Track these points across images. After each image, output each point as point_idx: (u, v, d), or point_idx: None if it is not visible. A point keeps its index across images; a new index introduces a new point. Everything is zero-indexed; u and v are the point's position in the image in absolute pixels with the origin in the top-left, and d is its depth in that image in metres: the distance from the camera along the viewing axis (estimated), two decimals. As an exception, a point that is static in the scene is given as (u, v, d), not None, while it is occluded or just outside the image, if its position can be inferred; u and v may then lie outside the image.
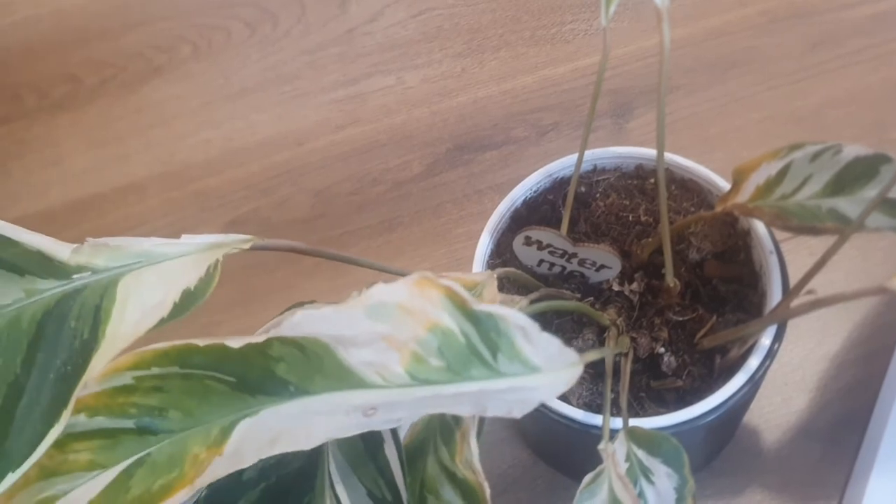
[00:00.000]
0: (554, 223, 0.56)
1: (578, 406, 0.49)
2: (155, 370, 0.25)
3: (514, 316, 0.26)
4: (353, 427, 0.23)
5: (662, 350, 0.52)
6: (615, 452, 0.38)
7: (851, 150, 0.47)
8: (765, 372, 0.50)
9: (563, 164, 0.57)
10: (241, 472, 0.29)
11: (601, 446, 0.38)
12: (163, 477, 0.25)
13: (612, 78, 0.82)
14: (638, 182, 0.58)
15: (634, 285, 0.54)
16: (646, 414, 0.50)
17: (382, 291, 0.24)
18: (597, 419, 0.46)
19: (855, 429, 0.64)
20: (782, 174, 0.48)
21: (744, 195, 0.49)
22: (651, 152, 0.57)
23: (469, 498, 0.31)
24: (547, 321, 0.54)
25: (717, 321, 0.52)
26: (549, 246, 0.52)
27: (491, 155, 0.79)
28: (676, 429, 0.48)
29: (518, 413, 0.26)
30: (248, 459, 0.23)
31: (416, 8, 0.92)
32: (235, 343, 0.24)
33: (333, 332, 0.23)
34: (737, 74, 0.81)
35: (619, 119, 0.79)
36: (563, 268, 0.54)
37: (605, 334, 0.52)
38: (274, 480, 0.29)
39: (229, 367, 0.24)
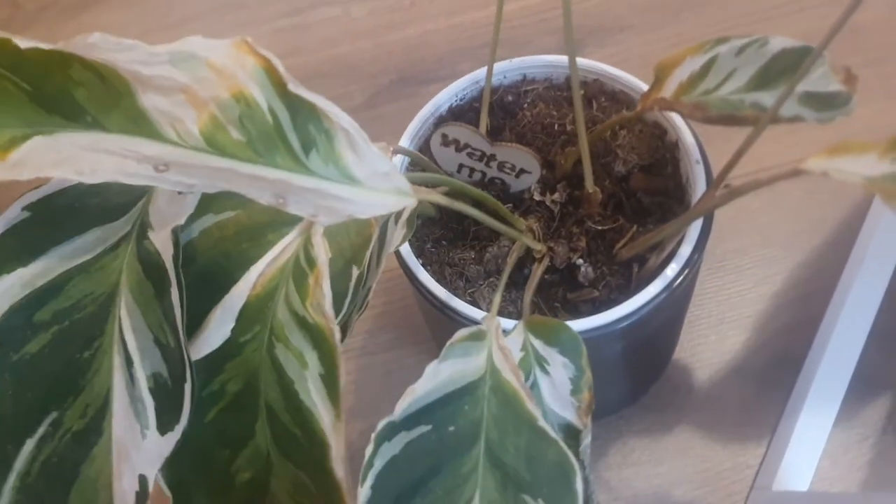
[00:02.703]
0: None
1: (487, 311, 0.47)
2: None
3: (340, 116, 0.24)
4: (142, 177, 0.21)
5: (581, 261, 0.50)
6: (499, 325, 0.35)
7: (777, 43, 0.44)
8: (685, 281, 0.47)
9: (467, 81, 0.54)
10: (32, 313, 0.27)
11: (481, 318, 0.35)
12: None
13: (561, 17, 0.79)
14: (567, 93, 0.55)
15: (556, 195, 0.51)
16: (558, 323, 0.48)
17: (196, 42, 0.21)
18: (481, 314, 0.43)
19: (790, 369, 0.62)
20: (706, 68, 0.45)
21: (666, 91, 0.46)
22: (583, 61, 0.54)
23: (319, 343, 0.28)
24: (465, 229, 0.52)
25: (638, 232, 0.50)
26: (466, 146, 0.50)
27: (434, 88, 0.76)
28: (589, 334, 0.45)
29: (325, 219, 0.23)
30: (27, 173, 0.21)
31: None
32: (24, 43, 0.21)
33: (130, 67, 0.20)
34: (690, 16, 0.79)
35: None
36: (484, 174, 0.51)
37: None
38: (66, 324, 0.27)
39: (26, 73, 0.21)
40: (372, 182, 0.24)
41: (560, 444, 0.31)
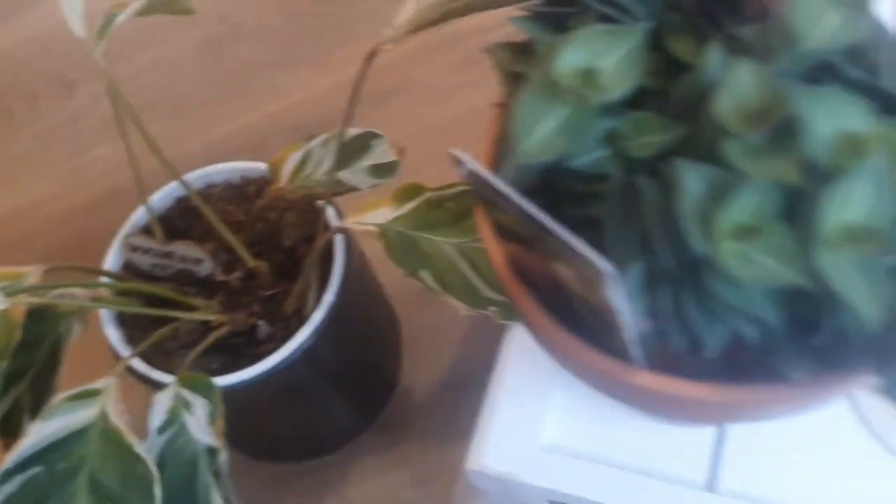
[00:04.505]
0: (181, 233, 0.66)
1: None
2: None
3: None
4: None
5: (260, 322, 0.62)
6: (115, 384, 0.47)
7: (350, 132, 0.58)
8: (329, 323, 0.60)
9: (163, 194, 0.67)
10: None
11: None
12: None
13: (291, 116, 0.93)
14: (243, 189, 0.68)
15: (237, 273, 0.64)
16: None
17: None
18: (156, 374, 0.56)
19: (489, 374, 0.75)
20: (305, 160, 0.59)
21: (283, 181, 0.60)
22: (246, 165, 0.68)
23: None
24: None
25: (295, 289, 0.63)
26: (149, 250, 0.62)
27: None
28: (245, 383, 0.58)
29: None
30: None
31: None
32: None
33: None
34: (398, 98, 0.94)
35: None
36: (172, 267, 0.64)
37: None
38: None
39: None
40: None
41: (146, 463, 0.43)
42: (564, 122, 0.29)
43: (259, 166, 0.67)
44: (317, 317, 0.60)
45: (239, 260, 0.65)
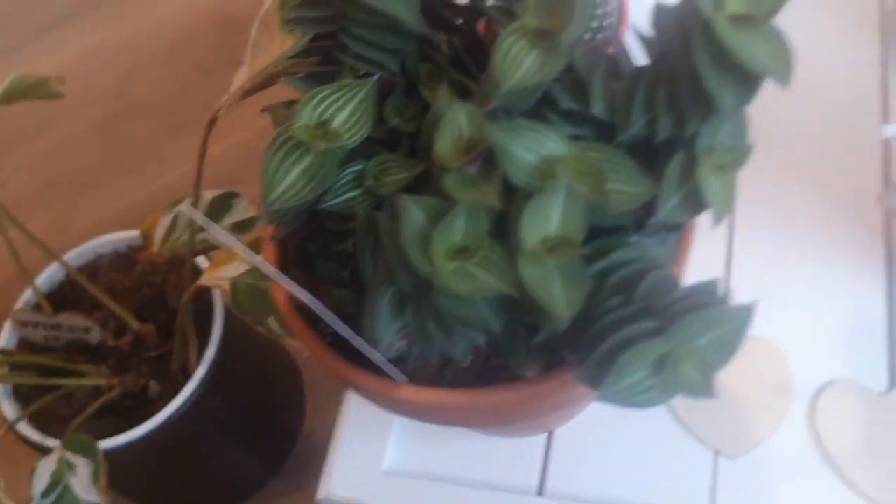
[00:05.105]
0: (71, 305, 0.69)
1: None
2: None
3: None
4: None
5: (150, 382, 0.65)
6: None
7: (212, 194, 0.62)
8: (214, 377, 0.63)
9: (50, 273, 0.70)
10: None
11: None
12: None
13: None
14: (130, 257, 0.72)
15: (126, 337, 0.67)
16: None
17: None
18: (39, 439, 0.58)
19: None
20: (174, 224, 0.62)
21: (156, 246, 0.63)
22: (131, 234, 0.71)
23: None
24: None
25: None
26: (39, 323, 0.65)
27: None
28: (141, 439, 0.60)
29: None
30: None
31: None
32: None
33: None
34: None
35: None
36: (64, 337, 0.67)
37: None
38: None
39: None
40: None
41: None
42: (308, 170, 0.33)
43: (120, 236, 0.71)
44: (199, 372, 0.63)
45: (123, 324, 0.68)
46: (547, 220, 0.30)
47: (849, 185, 0.52)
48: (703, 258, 0.51)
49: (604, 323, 0.30)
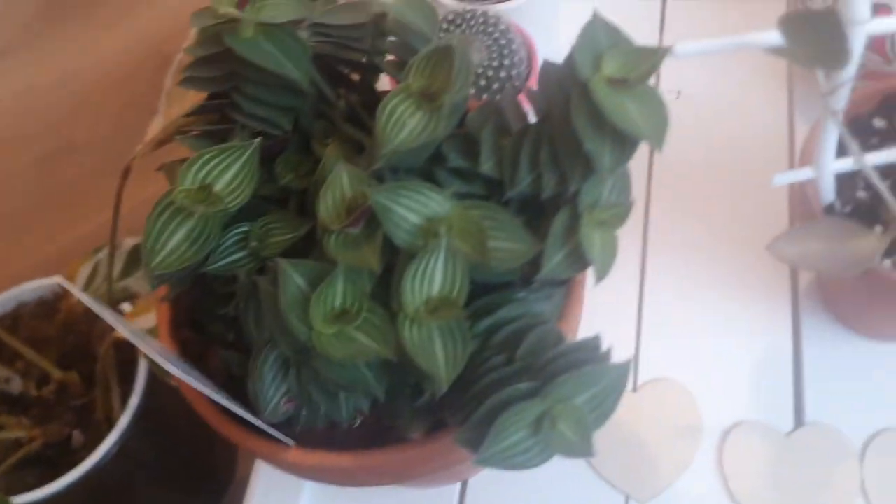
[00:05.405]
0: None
1: None
2: None
3: None
4: None
5: (74, 432, 0.64)
6: None
7: (129, 241, 0.61)
8: (138, 425, 0.62)
9: None
10: None
11: None
12: None
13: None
14: (55, 304, 0.71)
15: (50, 387, 0.66)
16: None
17: None
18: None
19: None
20: (95, 271, 0.62)
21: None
22: (54, 280, 0.70)
23: None
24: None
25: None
26: (-43, 374, 0.64)
27: None
28: (63, 490, 0.59)
29: None
30: None
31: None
32: None
33: None
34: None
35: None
36: (-16, 388, 0.65)
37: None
38: None
39: None
40: None
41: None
42: (190, 234, 0.33)
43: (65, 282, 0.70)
44: (123, 421, 0.62)
45: (44, 373, 0.67)
46: (429, 280, 0.31)
47: (756, 229, 0.53)
48: (615, 301, 0.52)
49: (484, 383, 0.31)
